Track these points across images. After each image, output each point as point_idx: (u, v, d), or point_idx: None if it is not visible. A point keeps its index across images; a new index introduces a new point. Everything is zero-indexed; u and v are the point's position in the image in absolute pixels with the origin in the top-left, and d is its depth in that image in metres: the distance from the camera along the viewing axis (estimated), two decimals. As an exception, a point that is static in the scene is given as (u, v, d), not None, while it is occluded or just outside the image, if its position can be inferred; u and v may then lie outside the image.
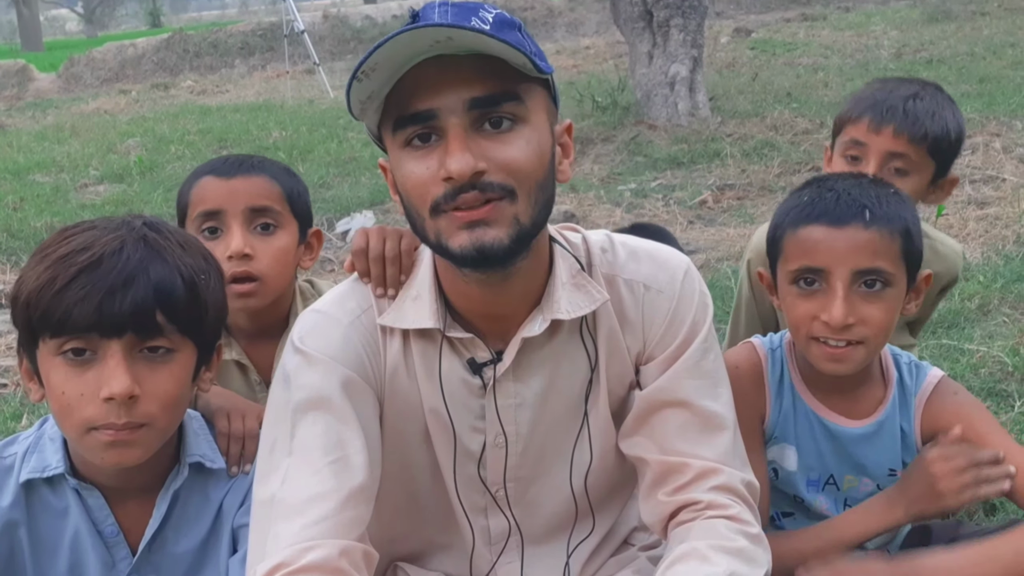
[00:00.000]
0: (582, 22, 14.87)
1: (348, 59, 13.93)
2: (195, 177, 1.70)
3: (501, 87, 1.10)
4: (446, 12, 1.09)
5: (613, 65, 8.86)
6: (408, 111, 1.10)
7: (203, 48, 14.59)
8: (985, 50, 8.91)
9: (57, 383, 1.21)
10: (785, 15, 13.92)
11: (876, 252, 1.38)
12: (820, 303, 1.41)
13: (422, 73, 1.08)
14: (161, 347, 1.24)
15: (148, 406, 1.22)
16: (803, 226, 1.42)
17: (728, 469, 1.26)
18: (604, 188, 5.54)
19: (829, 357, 1.42)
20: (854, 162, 1.79)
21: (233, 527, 1.36)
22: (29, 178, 6.91)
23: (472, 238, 1.10)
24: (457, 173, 1.07)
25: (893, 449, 1.52)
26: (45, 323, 1.20)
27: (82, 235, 1.23)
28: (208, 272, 1.29)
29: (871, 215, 1.39)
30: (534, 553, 1.38)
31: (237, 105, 10.02)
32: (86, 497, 1.31)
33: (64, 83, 13.86)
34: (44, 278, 1.19)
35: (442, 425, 1.29)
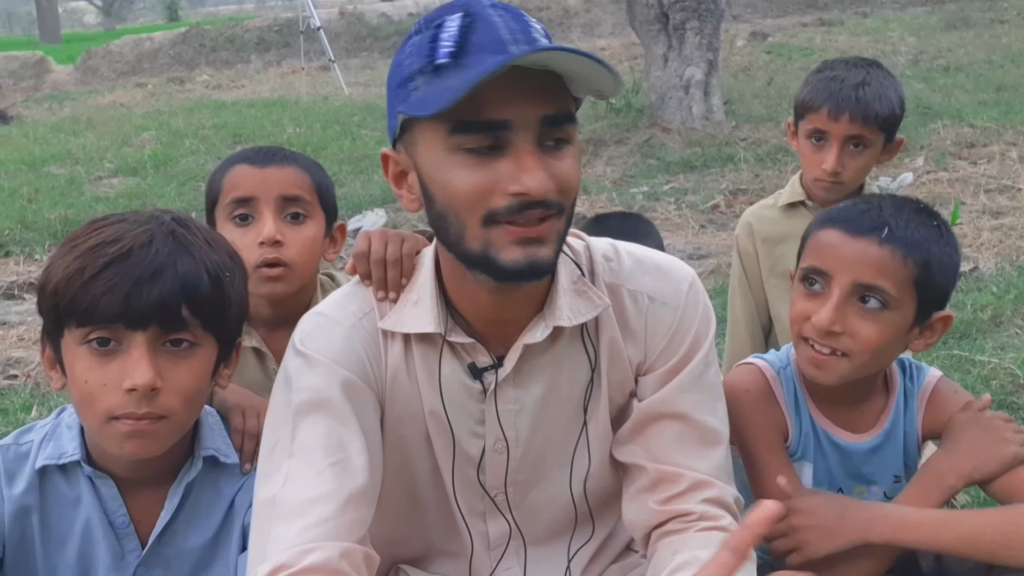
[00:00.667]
0: (598, 23, 14.85)
1: (363, 56, 13.96)
2: (228, 165, 1.73)
3: (565, 107, 1.10)
4: (504, 17, 1.08)
5: (628, 67, 8.84)
6: (478, 118, 1.07)
7: (219, 43, 14.64)
8: (1003, 58, 8.85)
9: (81, 372, 1.23)
10: (802, 19, 13.87)
11: (882, 269, 1.37)
12: (816, 304, 1.42)
13: (494, 82, 1.04)
14: (184, 340, 1.25)
15: (169, 399, 1.23)
16: (824, 228, 1.44)
17: (720, 483, 1.26)
18: (616, 190, 5.53)
19: (812, 361, 1.43)
20: (818, 144, 2.07)
21: (244, 524, 1.36)
22: (44, 170, 6.96)
23: (526, 254, 1.10)
24: (536, 191, 1.07)
25: (898, 456, 1.52)
26: (72, 312, 1.21)
27: (112, 227, 1.24)
28: (233, 270, 1.31)
29: (889, 233, 1.38)
30: (535, 558, 1.38)
31: (252, 100, 10.06)
32: (99, 486, 1.32)
33: (81, 75, 13.93)
34: (73, 268, 1.21)
35: (442, 429, 1.29)
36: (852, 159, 2.04)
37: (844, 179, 2.05)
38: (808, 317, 1.41)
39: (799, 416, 1.51)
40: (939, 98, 7.15)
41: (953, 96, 7.24)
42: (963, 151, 5.81)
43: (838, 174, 2.03)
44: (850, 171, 2.05)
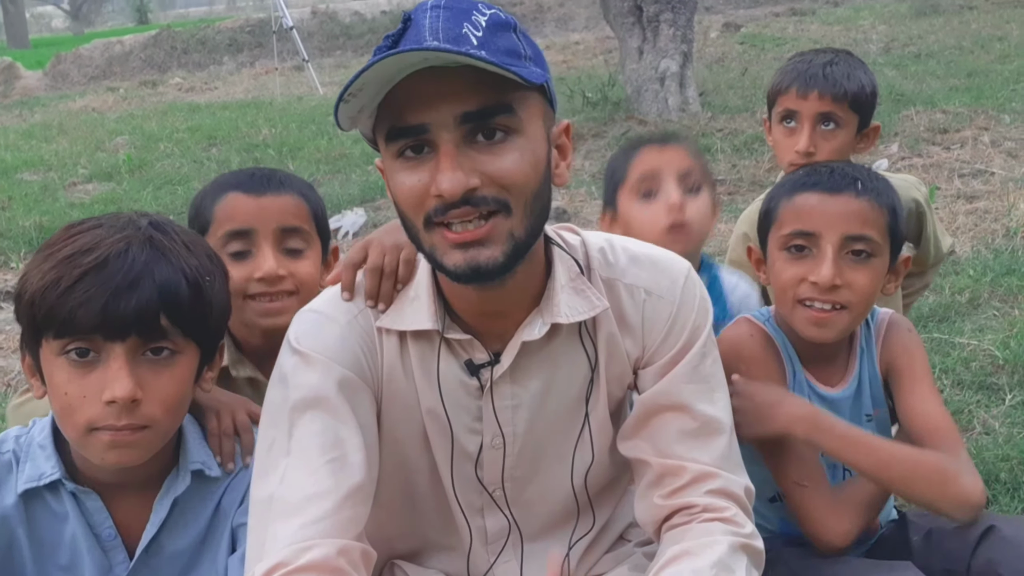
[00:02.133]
0: (572, 17, 14.86)
1: (337, 55, 13.90)
2: (219, 191, 1.62)
3: (494, 99, 1.07)
4: (437, 18, 1.07)
5: (603, 60, 8.86)
6: (400, 123, 1.08)
7: (191, 45, 14.52)
8: (973, 44, 8.95)
9: (60, 383, 1.21)
10: (774, 9, 13.95)
11: (866, 220, 1.46)
12: (809, 266, 1.47)
13: (414, 84, 1.06)
14: (165, 349, 1.23)
15: (151, 408, 1.21)
16: (799, 193, 1.51)
17: (724, 473, 1.26)
18: (595, 184, 5.54)
19: (814, 321, 1.48)
20: (789, 126, 2.06)
21: (232, 526, 1.35)
22: (17, 177, 6.88)
23: (466, 258, 1.10)
24: (448, 192, 1.06)
25: (867, 396, 1.58)
26: (49, 323, 1.19)
27: (88, 234, 1.22)
28: (213, 273, 1.29)
29: (863, 186, 1.48)
30: (532, 552, 1.38)
31: (226, 102, 9.99)
32: (84, 500, 1.31)
33: (51, 81, 13.78)
34: (49, 278, 1.18)
35: (439, 426, 1.29)
36: (825, 140, 2.03)
37: (819, 160, 2.01)
38: (802, 279, 1.48)
39: (792, 367, 1.56)
40: (911, 85, 7.22)
41: (925, 83, 7.31)
42: (936, 136, 5.87)
43: (811, 154, 2.02)
44: (824, 152, 2.03)
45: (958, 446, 1.45)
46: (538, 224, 1.15)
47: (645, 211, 1.78)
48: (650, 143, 1.84)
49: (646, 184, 1.78)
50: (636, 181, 1.80)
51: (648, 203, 1.78)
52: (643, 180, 1.79)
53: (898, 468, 1.42)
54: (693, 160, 1.81)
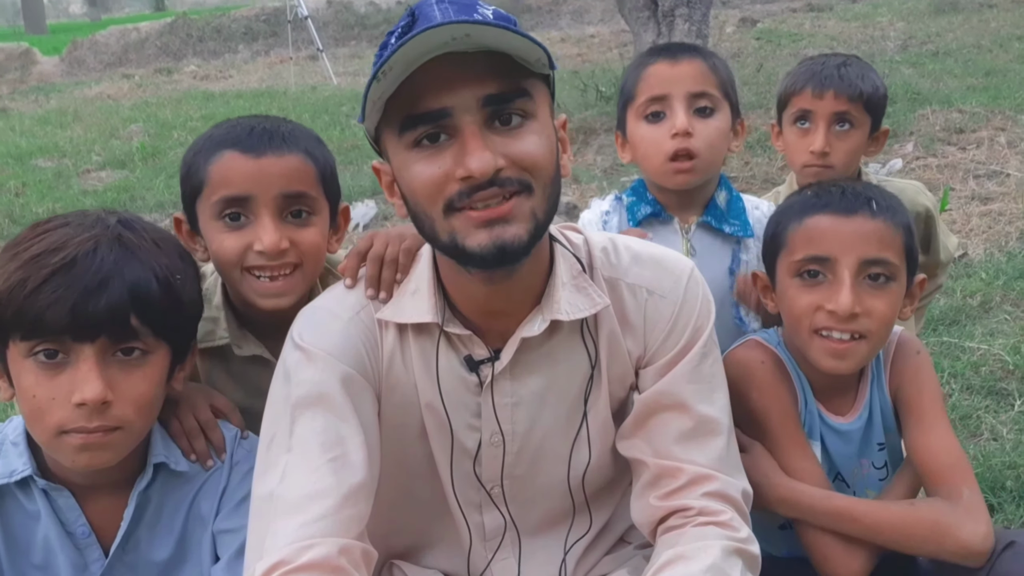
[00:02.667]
0: (587, 10, 14.80)
1: (352, 45, 13.89)
2: (213, 148, 1.42)
3: (512, 84, 1.09)
4: (447, 9, 1.08)
5: (618, 54, 8.82)
6: (418, 110, 1.08)
7: (207, 33, 14.54)
8: (992, 43, 8.85)
9: (28, 386, 1.19)
10: (791, 5, 13.84)
11: (883, 241, 1.39)
12: (825, 294, 1.40)
13: (430, 72, 1.06)
14: (135, 349, 1.21)
15: (122, 409, 1.20)
16: (809, 216, 1.43)
17: (722, 476, 1.25)
18: (607, 179, 5.52)
19: (832, 352, 1.41)
20: (803, 127, 2.03)
21: (213, 532, 1.33)
22: (31, 163, 6.92)
23: (492, 236, 1.09)
24: (479, 172, 1.06)
25: (879, 425, 1.54)
26: (16, 325, 1.17)
27: (55, 233, 1.19)
28: (184, 271, 1.27)
29: (877, 206, 1.40)
30: (530, 550, 1.38)
31: (240, 91, 10.01)
32: (56, 498, 1.29)
33: (67, 67, 13.83)
34: (15, 278, 1.16)
35: (439, 421, 1.29)
36: (839, 140, 2.00)
37: (834, 162, 2.00)
38: (818, 308, 1.40)
39: (803, 395, 1.51)
40: (928, 83, 7.15)
41: (942, 81, 7.24)
42: (952, 136, 5.82)
43: (827, 155, 1.99)
44: (839, 153, 2.00)
45: (963, 485, 1.38)
46: (552, 210, 1.16)
47: (650, 134, 1.68)
48: (662, 56, 1.70)
49: (653, 105, 1.68)
50: (643, 102, 1.69)
51: (654, 125, 1.68)
52: (650, 100, 1.68)
53: (889, 532, 1.37)
54: (708, 76, 1.68)
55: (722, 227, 1.74)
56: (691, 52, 1.71)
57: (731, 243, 1.75)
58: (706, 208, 1.76)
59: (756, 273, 1.58)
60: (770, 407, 1.45)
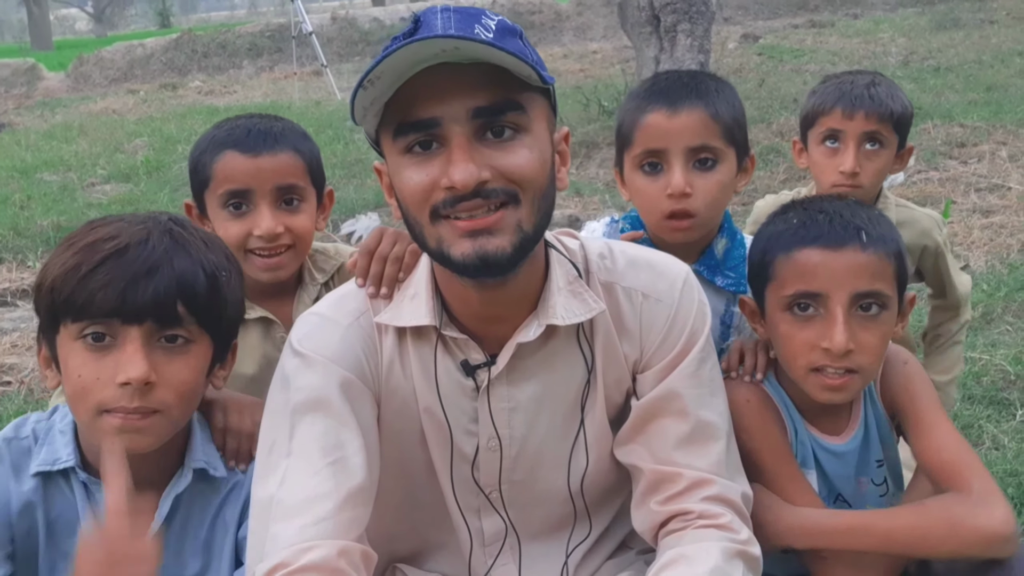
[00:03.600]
0: (590, 26, 14.87)
1: (356, 61, 13.96)
2: (216, 149, 1.67)
3: (504, 96, 1.10)
4: (449, 19, 1.09)
5: (620, 70, 8.85)
6: (410, 118, 1.10)
7: (211, 49, 14.63)
8: (993, 58, 8.89)
9: (75, 366, 1.23)
10: (793, 21, 13.91)
11: (874, 275, 1.36)
12: (818, 331, 1.37)
13: (425, 80, 1.07)
14: (179, 337, 1.26)
15: (163, 393, 1.24)
16: (798, 249, 1.39)
17: (721, 480, 1.26)
18: (609, 192, 5.54)
19: (828, 388, 1.39)
20: (832, 147, 2.03)
21: (238, 539, 1.35)
22: (36, 177, 6.95)
23: (475, 246, 1.11)
24: (460, 183, 1.08)
25: (876, 443, 1.52)
26: (68, 307, 1.22)
27: (110, 226, 1.26)
28: (229, 271, 1.32)
29: (867, 236, 1.37)
30: (531, 555, 1.38)
31: (245, 106, 10.03)
32: (94, 491, 1.32)
33: (73, 82, 13.90)
34: (70, 264, 1.22)
35: (437, 425, 1.30)
36: (869, 160, 2.00)
37: (863, 182, 1.99)
38: (815, 347, 1.37)
39: (792, 424, 1.50)
40: (929, 98, 7.18)
41: (943, 96, 7.28)
42: (953, 150, 5.84)
43: (856, 175, 1.98)
44: (868, 173, 2.00)
45: (971, 477, 1.34)
46: (544, 223, 1.17)
47: (647, 188, 1.60)
48: (660, 104, 1.58)
49: (650, 157, 1.60)
50: (640, 153, 1.61)
51: (651, 178, 1.60)
52: (647, 153, 1.60)
53: (903, 536, 1.33)
54: (710, 127, 1.56)
55: (714, 279, 1.65)
56: (692, 99, 1.57)
57: (725, 295, 1.66)
58: (701, 256, 1.66)
59: (744, 299, 1.54)
60: (761, 447, 1.44)
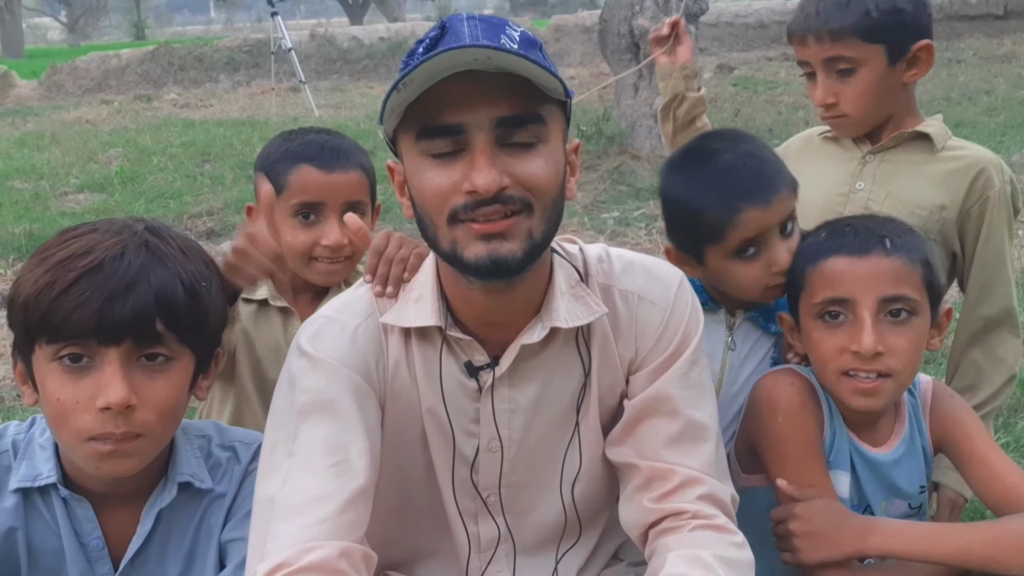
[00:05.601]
0: (567, 52, 15.02)
1: (333, 79, 13.98)
2: (292, 161, 1.77)
3: (527, 108, 1.13)
4: (476, 28, 1.12)
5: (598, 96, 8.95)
6: (436, 123, 1.12)
7: (188, 62, 14.57)
8: (961, 96, 9.11)
9: (53, 389, 1.18)
10: (767, 54, 14.15)
11: (900, 279, 1.40)
12: (848, 335, 1.41)
13: (451, 87, 1.09)
14: (160, 355, 1.21)
15: (145, 415, 1.19)
16: (824, 259, 1.45)
17: (711, 480, 1.28)
18: (588, 215, 5.58)
19: (860, 392, 1.42)
20: (811, 79, 1.81)
21: (221, 542, 1.33)
22: (7, 184, 6.86)
23: (488, 249, 1.13)
24: (483, 188, 1.10)
25: (921, 466, 1.54)
26: (42, 328, 1.17)
27: (83, 238, 1.20)
28: (209, 279, 1.27)
29: (891, 244, 1.42)
30: (524, 564, 1.39)
31: (221, 120, 10.00)
32: (75, 508, 1.28)
33: (45, 91, 13.76)
34: (43, 281, 1.16)
35: (439, 427, 1.31)
36: (844, 85, 1.76)
37: (846, 111, 1.78)
38: (843, 350, 1.42)
39: (832, 425, 1.51)
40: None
41: (914, 131, 7.42)
42: (924, 184, 5.95)
43: (833, 105, 1.78)
44: (848, 99, 1.77)
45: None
46: (552, 230, 1.19)
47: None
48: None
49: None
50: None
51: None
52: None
53: (979, 550, 1.35)
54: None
55: (769, 326, 1.66)
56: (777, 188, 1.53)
57: (774, 338, 1.68)
58: (755, 304, 1.65)
59: (782, 315, 1.58)
60: (792, 432, 1.46)
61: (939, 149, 1.82)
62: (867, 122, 1.82)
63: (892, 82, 1.77)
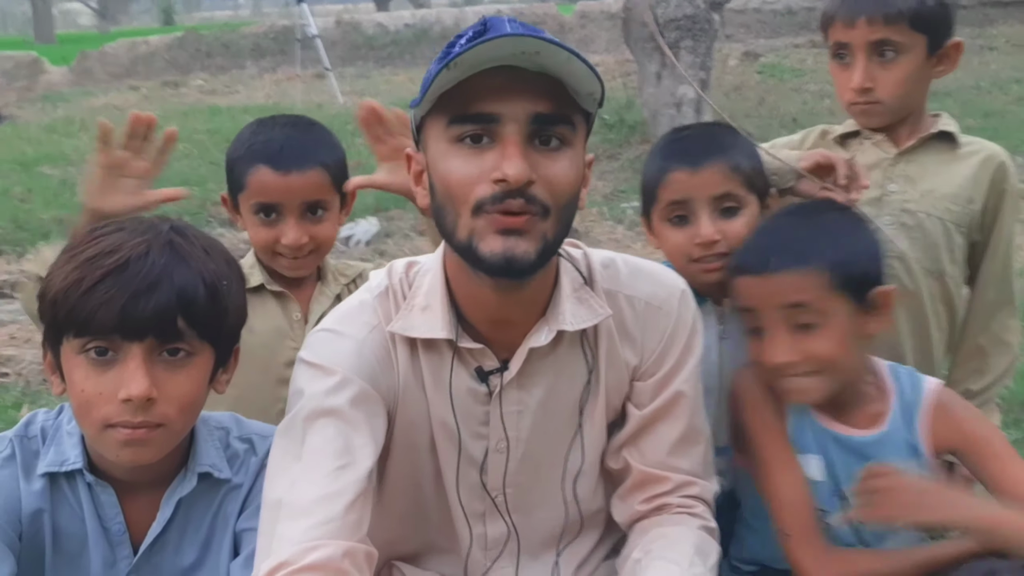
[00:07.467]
0: (593, 39, 14.93)
1: (359, 65, 14.00)
2: (250, 161, 1.81)
3: (560, 110, 1.16)
4: (517, 27, 1.14)
5: (622, 83, 8.91)
6: (471, 110, 1.15)
7: (215, 48, 14.65)
8: (991, 85, 8.97)
9: (78, 380, 1.24)
10: (795, 41, 13.98)
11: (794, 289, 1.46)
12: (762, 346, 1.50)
13: (490, 78, 1.12)
14: (181, 350, 1.26)
15: (165, 408, 1.25)
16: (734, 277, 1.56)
17: (701, 481, 1.38)
18: (607, 205, 5.59)
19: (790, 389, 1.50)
20: (843, 63, 1.84)
21: (235, 531, 1.38)
22: (37, 170, 6.96)
23: (504, 246, 1.15)
24: (514, 178, 1.12)
25: (903, 462, 1.53)
26: (70, 323, 1.23)
27: (110, 236, 1.26)
28: (230, 278, 1.32)
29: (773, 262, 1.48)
30: (527, 560, 1.42)
31: (247, 106, 10.07)
32: (99, 493, 1.34)
33: (75, 77, 13.91)
34: (71, 278, 1.22)
35: (448, 434, 1.33)
36: (883, 71, 1.79)
37: (880, 96, 1.81)
38: (761, 357, 1.49)
39: (797, 409, 1.55)
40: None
41: (941, 120, 7.32)
42: (950, 175, 5.88)
43: (869, 91, 1.80)
44: (885, 86, 1.80)
45: None
46: (563, 235, 1.22)
47: (675, 237, 1.66)
48: (681, 164, 1.65)
49: (676, 209, 1.66)
50: (665, 206, 1.67)
51: (679, 229, 1.66)
52: (672, 206, 1.66)
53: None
54: (730, 178, 1.63)
55: None
56: (711, 155, 1.63)
57: None
58: None
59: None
60: (754, 420, 1.53)
61: (961, 146, 1.89)
62: (898, 112, 1.86)
63: (924, 75, 1.83)
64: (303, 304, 1.90)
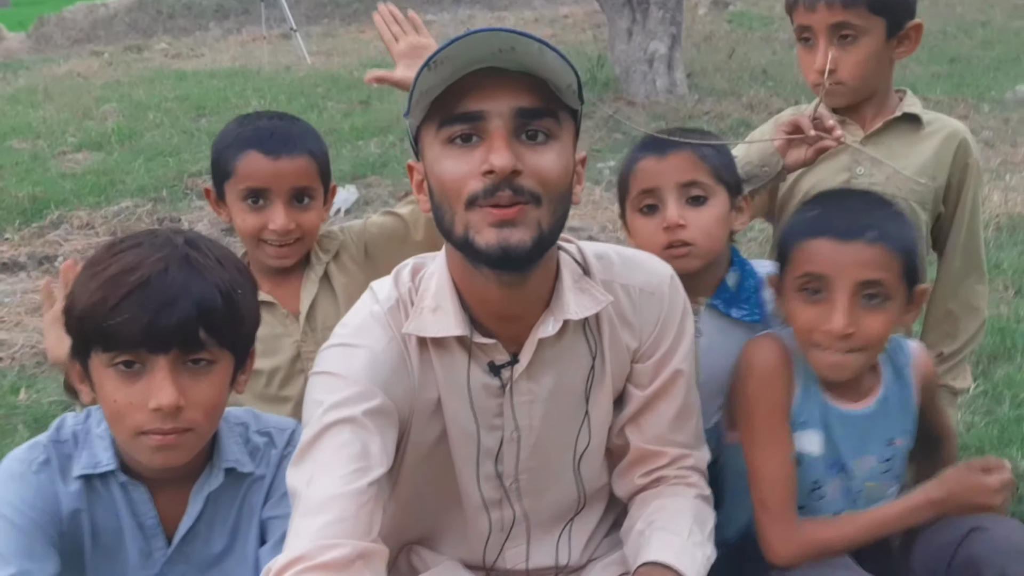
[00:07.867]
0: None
1: (324, 23, 13.79)
2: (240, 146, 1.84)
3: (544, 104, 1.22)
4: (498, 29, 1.21)
5: (591, 36, 8.89)
6: (458, 111, 1.22)
7: (177, 9, 14.36)
8: (957, 28, 9.05)
9: (110, 391, 1.33)
10: (762, -13, 13.93)
11: (878, 267, 1.50)
12: (820, 312, 1.52)
13: (475, 80, 1.20)
14: (203, 359, 1.35)
15: (192, 413, 1.33)
16: (811, 239, 1.54)
17: (695, 453, 1.49)
18: (583, 165, 5.63)
19: (829, 365, 1.55)
20: (808, 46, 1.91)
21: (261, 519, 1.47)
22: (6, 144, 6.84)
23: (499, 237, 1.22)
24: (499, 167, 1.19)
25: (891, 422, 1.65)
26: (97, 339, 1.31)
27: (129, 254, 1.33)
28: (244, 285, 1.40)
29: (876, 233, 1.50)
30: (538, 536, 1.52)
31: (213, 70, 9.91)
32: (132, 491, 1.43)
33: (34, 43, 13.59)
34: (96, 297, 1.30)
35: (466, 429, 1.41)
36: (844, 53, 1.84)
37: (842, 78, 1.86)
38: (817, 326, 1.53)
39: (806, 386, 1.62)
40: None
41: (908, 68, 7.40)
42: (917, 124, 5.96)
43: (832, 72, 1.84)
44: (846, 67, 1.86)
45: None
46: (558, 227, 1.28)
47: (646, 227, 1.71)
48: (649, 152, 1.70)
49: (645, 198, 1.70)
50: (636, 196, 1.72)
51: (649, 218, 1.71)
52: (642, 195, 1.71)
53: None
54: (698, 165, 1.67)
55: (730, 311, 1.73)
56: (678, 144, 1.67)
57: (742, 328, 1.73)
58: (716, 291, 1.74)
59: (770, 276, 1.66)
60: (761, 392, 1.58)
61: (924, 125, 1.97)
62: (861, 92, 1.94)
63: (884, 56, 1.91)
64: (291, 301, 1.91)
